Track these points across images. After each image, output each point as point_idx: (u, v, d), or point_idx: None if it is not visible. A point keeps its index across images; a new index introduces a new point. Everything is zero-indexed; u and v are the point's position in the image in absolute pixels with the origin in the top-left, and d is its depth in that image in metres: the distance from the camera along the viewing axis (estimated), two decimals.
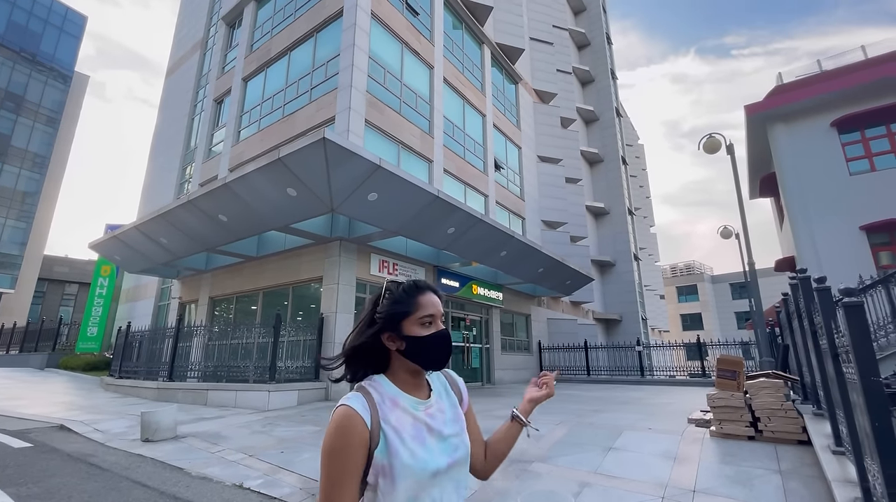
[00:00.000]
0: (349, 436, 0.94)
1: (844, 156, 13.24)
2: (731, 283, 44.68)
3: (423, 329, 1.07)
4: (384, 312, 1.07)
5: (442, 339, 1.08)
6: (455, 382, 1.22)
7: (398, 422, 1.01)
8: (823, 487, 3.55)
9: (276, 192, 8.07)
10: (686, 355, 16.78)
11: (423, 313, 1.08)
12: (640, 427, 6.17)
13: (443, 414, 1.10)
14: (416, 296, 1.09)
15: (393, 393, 1.06)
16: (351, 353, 1.08)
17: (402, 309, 1.08)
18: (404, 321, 1.07)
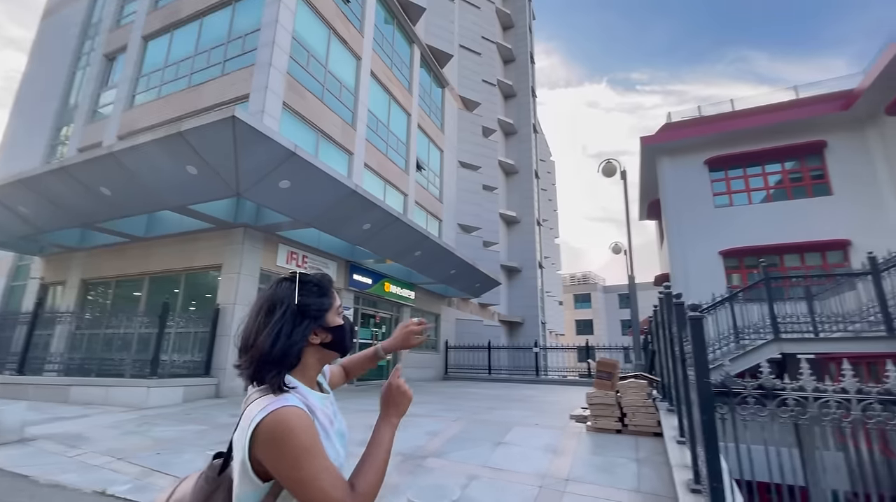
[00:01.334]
0: (310, 427, 0.88)
1: (711, 190, 15.54)
2: (620, 294, 49.87)
3: (339, 318, 1.07)
4: (317, 306, 1.02)
5: (352, 326, 1.13)
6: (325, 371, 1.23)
7: (323, 420, 0.97)
8: (668, 471, 4.18)
9: (173, 169, 7.33)
10: (577, 357, 18.41)
11: (338, 302, 1.09)
12: (528, 423, 6.68)
13: (333, 405, 1.08)
14: (331, 287, 1.10)
15: (307, 392, 0.99)
16: (282, 357, 0.95)
17: (330, 301, 1.06)
18: (328, 313, 1.05)
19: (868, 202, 13.29)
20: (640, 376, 6.20)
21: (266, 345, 0.94)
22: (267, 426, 0.85)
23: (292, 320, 0.98)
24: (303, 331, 0.99)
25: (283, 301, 0.99)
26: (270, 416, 0.85)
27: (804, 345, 7.95)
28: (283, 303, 0.99)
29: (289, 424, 0.85)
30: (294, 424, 0.86)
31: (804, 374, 2.74)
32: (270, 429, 0.84)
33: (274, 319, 0.97)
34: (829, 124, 14.15)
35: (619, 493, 3.85)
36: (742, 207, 14.97)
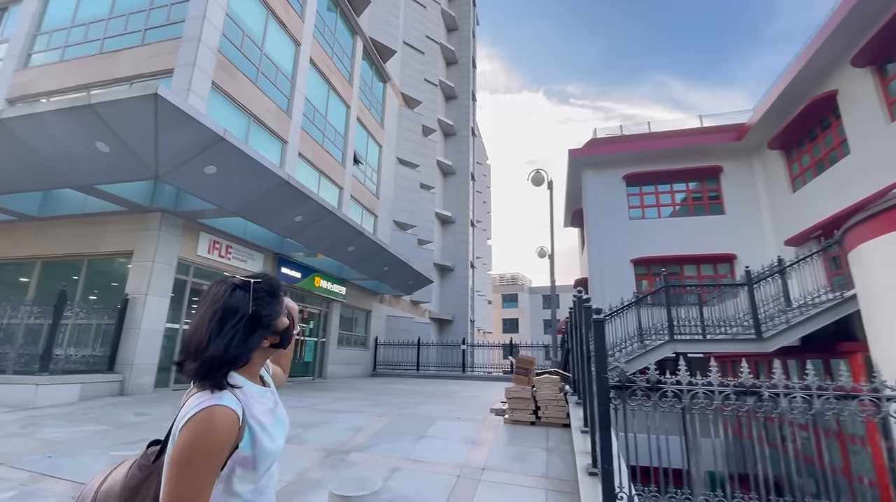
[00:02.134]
0: (224, 438, 0.92)
1: (627, 203, 17.05)
2: (544, 295, 52.69)
3: (286, 318, 1.15)
4: (270, 316, 1.07)
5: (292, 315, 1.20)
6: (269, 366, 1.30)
7: (261, 415, 1.04)
8: (572, 458, 4.64)
9: (80, 144, 6.63)
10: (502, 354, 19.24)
11: (283, 305, 1.16)
12: (451, 417, 6.97)
13: (274, 395, 1.16)
14: (281, 291, 1.15)
15: (248, 386, 1.05)
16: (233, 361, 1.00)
17: (280, 307, 1.12)
18: (279, 318, 1.11)
19: (751, 222, 15.38)
20: (553, 372, 6.74)
21: (219, 351, 0.97)
22: (195, 419, 0.90)
23: (245, 330, 1.01)
24: (257, 339, 1.04)
25: (238, 311, 1.01)
26: (204, 411, 0.90)
27: (694, 346, 9.08)
28: (236, 312, 1.01)
29: (212, 423, 0.90)
30: (215, 425, 0.90)
31: (681, 371, 3.24)
32: (195, 421, 0.90)
33: (226, 327, 0.99)
34: (725, 152, 16.15)
35: (528, 479, 4.22)
36: (652, 220, 16.60)
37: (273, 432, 1.06)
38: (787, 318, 8.31)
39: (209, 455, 0.89)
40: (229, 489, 0.96)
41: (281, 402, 1.18)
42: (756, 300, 8.62)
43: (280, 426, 1.12)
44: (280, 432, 1.10)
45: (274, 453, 1.05)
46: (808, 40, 12.12)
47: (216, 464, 0.91)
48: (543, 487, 4.02)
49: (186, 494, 0.86)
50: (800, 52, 12.61)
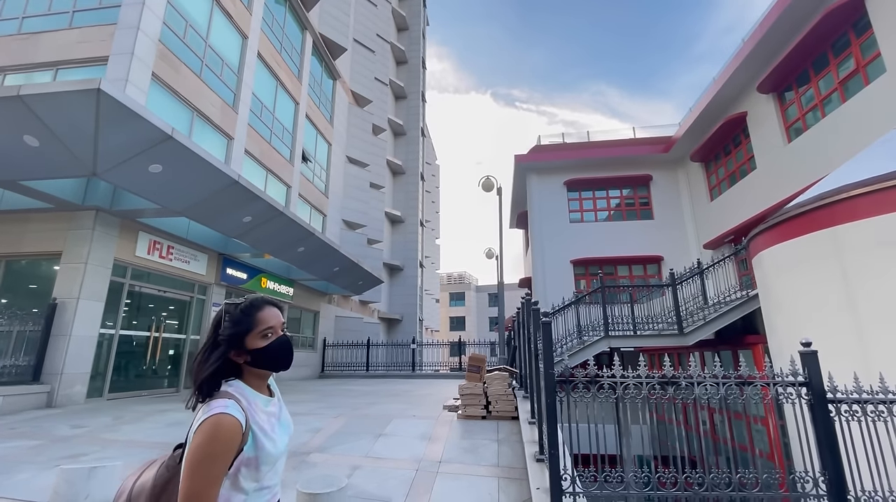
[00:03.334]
0: (229, 442, 1.07)
1: (568, 208, 18.11)
2: (490, 293, 54.09)
3: (264, 340, 1.23)
4: (226, 335, 1.20)
5: (281, 346, 1.27)
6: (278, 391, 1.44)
7: (263, 421, 1.20)
8: (521, 448, 5.08)
9: (4, 137, 6.12)
10: (450, 352, 19.69)
11: (263, 327, 1.24)
12: (406, 415, 7.22)
13: (280, 402, 1.35)
14: (255, 314, 1.24)
15: (252, 396, 1.23)
16: (207, 380, 1.16)
17: (243, 328, 1.22)
18: (247, 337, 1.22)
19: (676, 226, 16.95)
20: (503, 369, 7.20)
21: (195, 368, 1.19)
22: (204, 425, 1.06)
23: (209, 349, 1.20)
24: (217, 356, 1.18)
25: (208, 331, 1.25)
26: (212, 418, 1.07)
27: (626, 341, 9.98)
28: (207, 333, 1.25)
29: (218, 428, 1.06)
30: (221, 431, 1.06)
31: (616, 365, 3.73)
32: (204, 428, 1.06)
33: (202, 347, 1.22)
34: (654, 162, 17.66)
35: (481, 469, 4.59)
36: (590, 224, 17.78)
37: (275, 436, 1.21)
38: (705, 315, 9.40)
39: (217, 456, 1.05)
40: (236, 485, 1.13)
41: (286, 409, 1.35)
42: (679, 299, 9.65)
43: (283, 429, 1.28)
44: (282, 435, 1.26)
45: (275, 454, 1.20)
46: (723, 66, 13.63)
47: (224, 464, 1.06)
48: (495, 475, 4.40)
49: (199, 490, 1.02)
50: (717, 76, 14.14)
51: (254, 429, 1.15)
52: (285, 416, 1.33)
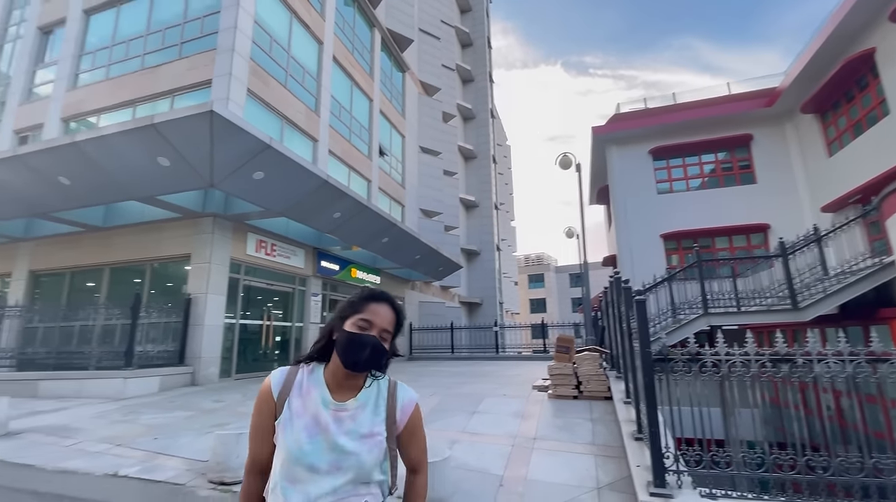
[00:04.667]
0: (260, 396, 1.19)
1: (654, 178, 16.90)
2: (571, 274, 52.47)
3: (354, 327, 1.17)
4: (337, 312, 1.24)
5: (358, 340, 1.14)
6: (397, 401, 1.22)
7: (298, 408, 1.14)
8: (616, 427, 5.03)
9: (143, 160, 7.26)
10: (532, 334, 19.61)
11: (362, 316, 1.18)
12: (496, 394, 7.44)
13: (353, 422, 1.14)
14: (367, 302, 1.21)
15: (314, 382, 1.18)
16: (320, 337, 1.25)
17: (351, 309, 1.21)
18: (348, 318, 1.19)
19: (785, 190, 15.06)
20: (593, 349, 7.09)
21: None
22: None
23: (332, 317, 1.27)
24: (325, 330, 1.25)
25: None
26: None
27: (728, 318, 9.22)
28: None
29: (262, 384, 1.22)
30: (261, 386, 1.21)
31: (719, 342, 3.55)
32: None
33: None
34: (755, 119, 15.75)
35: (577, 446, 4.64)
36: (681, 194, 16.45)
37: (300, 435, 1.10)
38: (825, 287, 8.35)
39: (255, 405, 1.20)
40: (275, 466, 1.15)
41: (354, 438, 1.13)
42: (791, 270, 8.67)
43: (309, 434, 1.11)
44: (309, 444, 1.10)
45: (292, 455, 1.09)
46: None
47: (256, 416, 1.19)
48: (592, 453, 4.43)
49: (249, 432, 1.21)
50: (834, 10, 12.15)
51: (286, 406, 1.15)
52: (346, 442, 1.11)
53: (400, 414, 1.21)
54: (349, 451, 1.10)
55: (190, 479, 4.03)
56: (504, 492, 3.59)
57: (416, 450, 1.26)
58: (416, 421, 1.25)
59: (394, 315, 1.24)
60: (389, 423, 1.18)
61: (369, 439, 1.13)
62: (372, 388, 1.22)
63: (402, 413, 1.21)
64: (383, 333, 1.19)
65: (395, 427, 1.18)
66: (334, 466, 1.09)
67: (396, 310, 1.25)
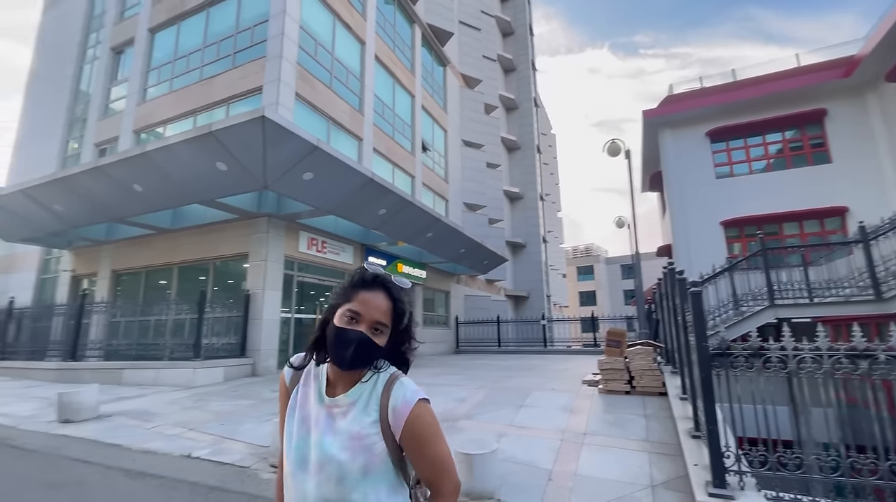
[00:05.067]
0: (280, 384, 1.16)
1: (713, 161, 15.86)
2: (622, 265, 50.51)
3: (341, 321, 1.03)
4: (331, 299, 1.10)
5: (341, 336, 1.01)
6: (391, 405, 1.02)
7: (300, 398, 1.08)
8: (672, 424, 4.82)
9: (204, 166, 7.78)
10: (582, 328, 19.13)
11: (350, 306, 1.03)
12: (544, 388, 7.34)
13: (344, 419, 1.02)
14: (357, 289, 1.05)
15: (317, 374, 1.10)
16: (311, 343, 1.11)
17: (339, 299, 1.07)
18: (338, 309, 1.05)
19: (866, 169, 13.63)
20: (645, 343, 6.81)
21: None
22: None
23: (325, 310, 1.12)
24: (320, 323, 1.10)
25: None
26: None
27: (798, 310, 8.53)
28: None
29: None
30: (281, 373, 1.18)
31: (786, 336, 3.29)
32: None
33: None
34: (829, 92, 14.33)
35: (630, 443, 4.49)
36: (743, 177, 15.32)
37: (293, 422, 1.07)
38: None
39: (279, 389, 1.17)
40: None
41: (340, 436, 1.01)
42: (874, 257, 7.85)
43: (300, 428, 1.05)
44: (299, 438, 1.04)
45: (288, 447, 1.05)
46: None
47: (281, 402, 1.14)
48: (645, 450, 4.28)
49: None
50: None
51: (293, 394, 1.11)
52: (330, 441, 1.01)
53: (392, 417, 1.00)
54: (330, 454, 0.98)
55: (253, 463, 4.32)
56: (553, 487, 3.56)
57: (423, 467, 1.02)
58: (416, 427, 1.00)
59: (390, 303, 1.05)
60: (383, 426, 1.00)
61: (356, 441, 0.99)
62: (368, 383, 1.05)
63: (395, 415, 1.00)
64: (376, 325, 1.03)
65: (390, 432, 1.00)
66: (318, 467, 0.98)
67: (393, 297, 1.06)
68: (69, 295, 13.09)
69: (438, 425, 1.04)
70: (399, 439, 1.00)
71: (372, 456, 0.98)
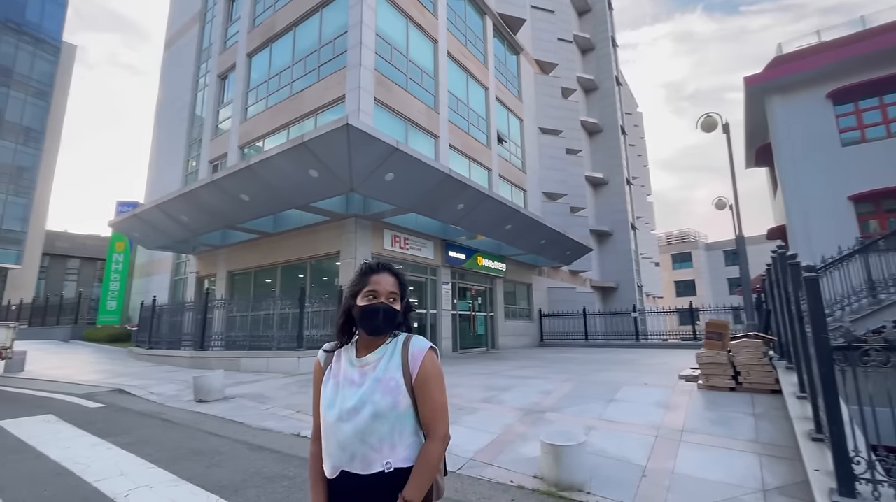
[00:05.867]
0: (314, 369, 1.38)
1: (837, 127, 13.68)
2: (725, 251, 45.65)
3: (364, 300, 1.29)
4: (347, 292, 1.36)
5: (370, 310, 1.27)
6: (410, 351, 1.28)
7: (334, 370, 1.32)
8: (787, 424, 4.32)
9: (298, 174, 8.55)
10: (679, 320, 17.71)
11: (367, 288, 1.31)
12: (636, 382, 6.97)
13: (374, 370, 1.26)
14: (368, 275, 1.33)
15: (347, 349, 1.35)
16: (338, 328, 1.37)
17: (356, 287, 1.33)
18: (358, 295, 1.31)
19: None
20: (753, 335, 6.15)
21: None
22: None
23: (343, 302, 1.37)
24: (342, 309, 1.36)
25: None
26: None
27: None
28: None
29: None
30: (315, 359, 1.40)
31: None
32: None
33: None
34: None
35: (736, 443, 4.12)
36: (878, 143, 13.03)
37: (328, 387, 1.29)
38: None
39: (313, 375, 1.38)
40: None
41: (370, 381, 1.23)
42: None
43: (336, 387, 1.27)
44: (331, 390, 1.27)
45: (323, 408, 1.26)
46: None
47: (314, 385, 1.34)
48: (755, 451, 3.90)
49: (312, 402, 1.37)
50: None
51: (326, 372, 1.33)
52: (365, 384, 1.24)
53: (412, 361, 1.26)
54: (365, 397, 1.20)
55: None
56: (648, 483, 3.40)
57: (428, 406, 1.24)
58: (427, 370, 1.25)
59: (394, 278, 1.34)
60: (405, 371, 1.24)
61: (385, 384, 1.22)
62: (391, 343, 1.31)
63: (413, 359, 1.26)
64: (390, 296, 1.30)
65: (409, 375, 1.24)
66: (355, 411, 1.19)
67: (395, 274, 1.36)
68: (195, 293, 15.18)
69: (442, 375, 1.30)
70: (413, 380, 1.23)
71: (398, 394, 1.21)
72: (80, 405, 6.44)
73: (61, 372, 9.88)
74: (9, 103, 33.55)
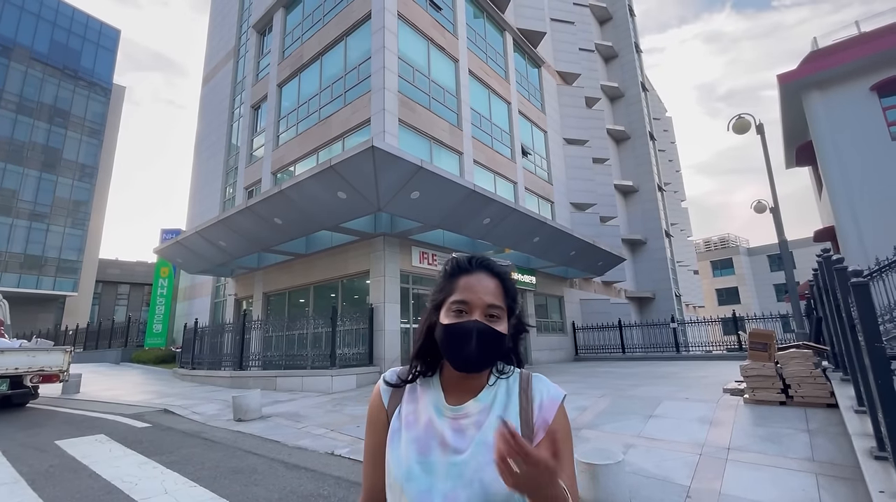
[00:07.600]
0: (371, 408, 0.93)
1: (886, 120, 12.93)
2: (769, 255, 43.42)
3: (449, 317, 0.86)
4: (430, 301, 0.93)
5: (456, 331, 0.83)
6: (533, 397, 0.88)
7: (408, 416, 0.87)
8: (846, 441, 4.02)
9: (327, 196, 8.82)
10: (722, 330, 16.88)
11: (455, 297, 0.86)
12: (677, 397, 6.67)
13: (477, 431, 0.83)
14: (457, 278, 0.89)
15: (428, 384, 0.91)
16: (415, 354, 0.92)
17: (440, 295, 0.90)
18: (442, 306, 0.89)
19: None
20: (803, 345, 5.79)
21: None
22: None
23: (424, 317, 0.94)
24: (422, 327, 0.93)
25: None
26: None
27: None
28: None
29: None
30: (372, 393, 0.95)
31: None
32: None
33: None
34: None
35: (789, 462, 3.86)
36: None
37: (404, 445, 0.84)
38: None
39: (367, 416, 0.94)
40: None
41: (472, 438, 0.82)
42: None
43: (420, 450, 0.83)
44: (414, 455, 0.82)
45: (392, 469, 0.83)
46: None
47: (369, 430, 0.92)
48: (811, 470, 3.64)
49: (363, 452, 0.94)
50: None
51: (395, 415, 0.89)
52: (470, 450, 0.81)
53: (538, 416, 0.85)
54: (468, 475, 0.78)
55: None
56: None
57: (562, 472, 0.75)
58: (560, 428, 0.85)
59: (497, 282, 0.88)
60: (524, 428, 0.84)
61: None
62: (498, 385, 0.89)
63: (542, 413, 0.85)
64: (490, 310, 0.85)
65: (532, 434, 0.83)
66: (450, 496, 0.78)
67: (498, 275, 0.90)
68: (234, 315, 15.74)
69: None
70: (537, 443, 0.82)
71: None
72: (129, 425, 6.75)
73: (112, 393, 10.42)
74: (66, 143, 36.38)
